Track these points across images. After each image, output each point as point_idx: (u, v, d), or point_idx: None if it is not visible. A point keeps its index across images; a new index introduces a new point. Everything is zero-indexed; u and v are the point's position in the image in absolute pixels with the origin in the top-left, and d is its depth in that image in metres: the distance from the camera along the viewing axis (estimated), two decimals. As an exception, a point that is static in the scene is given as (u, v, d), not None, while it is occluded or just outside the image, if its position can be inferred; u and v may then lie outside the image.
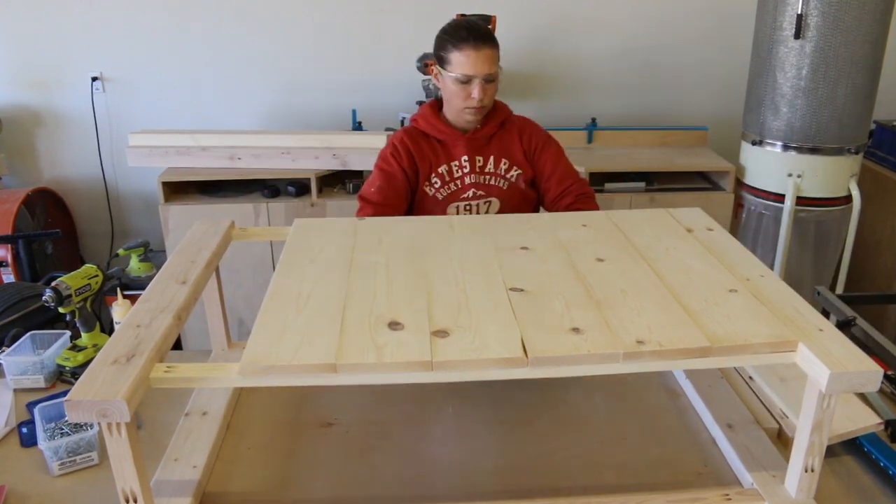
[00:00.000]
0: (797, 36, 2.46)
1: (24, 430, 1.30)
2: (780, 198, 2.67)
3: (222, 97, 3.24)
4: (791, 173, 2.63)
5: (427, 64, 2.88)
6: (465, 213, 1.86)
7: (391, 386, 1.38)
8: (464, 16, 2.78)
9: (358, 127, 3.11)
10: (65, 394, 1.12)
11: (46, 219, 3.12)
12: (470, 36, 1.72)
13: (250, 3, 3.09)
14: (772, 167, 2.68)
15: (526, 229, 1.40)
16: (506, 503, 1.09)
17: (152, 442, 1.24)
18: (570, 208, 1.86)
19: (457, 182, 1.85)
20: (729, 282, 1.17)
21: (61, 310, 1.47)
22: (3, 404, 1.37)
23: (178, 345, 2.72)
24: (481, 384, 1.33)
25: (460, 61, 1.72)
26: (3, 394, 1.41)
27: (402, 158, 1.82)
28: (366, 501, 1.12)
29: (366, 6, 3.12)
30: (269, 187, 2.81)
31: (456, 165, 1.84)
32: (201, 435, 1.22)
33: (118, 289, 1.57)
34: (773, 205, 2.70)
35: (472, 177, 1.85)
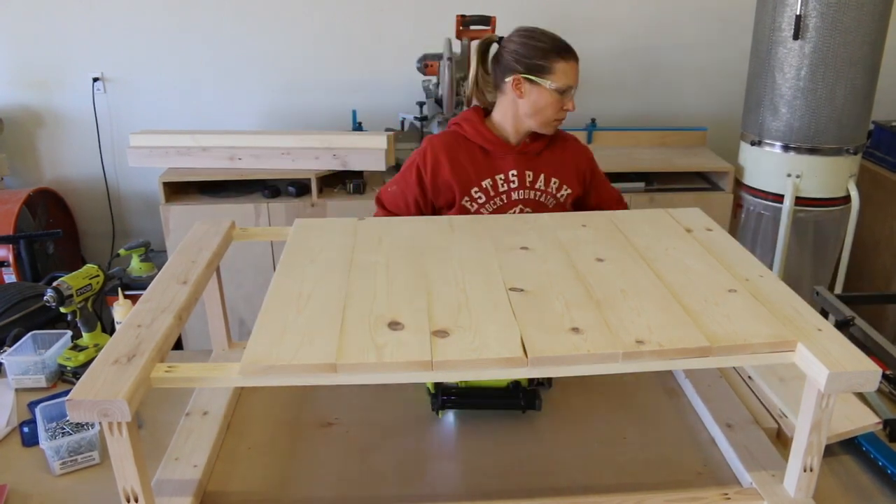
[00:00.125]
0: (796, 37, 2.46)
1: (26, 429, 1.30)
2: (779, 198, 2.68)
3: (222, 97, 3.24)
4: (790, 173, 2.63)
5: (427, 64, 2.88)
6: None
7: (391, 386, 1.38)
8: (464, 17, 2.78)
9: (358, 127, 3.11)
10: (66, 393, 1.13)
11: (48, 219, 3.13)
12: (570, 47, 1.70)
13: (250, 3, 3.10)
14: (771, 167, 2.68)
15: (526, 229, 1.41)
16: (506, 503, 1.09)
17: (153, 441, 1.24)
18: None
19: (502, 197, 1.74)
20: (728, 282, 1.17)
21: (62, 310, 1.47)
22: (4, 404, 1.37)
23: (178, 345, 2.73)
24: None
25: (566, 71, 1.68)
26: (4, 393, 1.41)
27: (426, 173, 1.72)
28: (366, 501, 1.12)
29: (366, 6, 3.13)
30: (269, 187, 2.81)
31: (502, 179, 1.73)
32: (202, 434, 1.22)
33: (119, 289, 1.57)
34: (772, 205, 2.71)
35: (521, 192, 1.75)
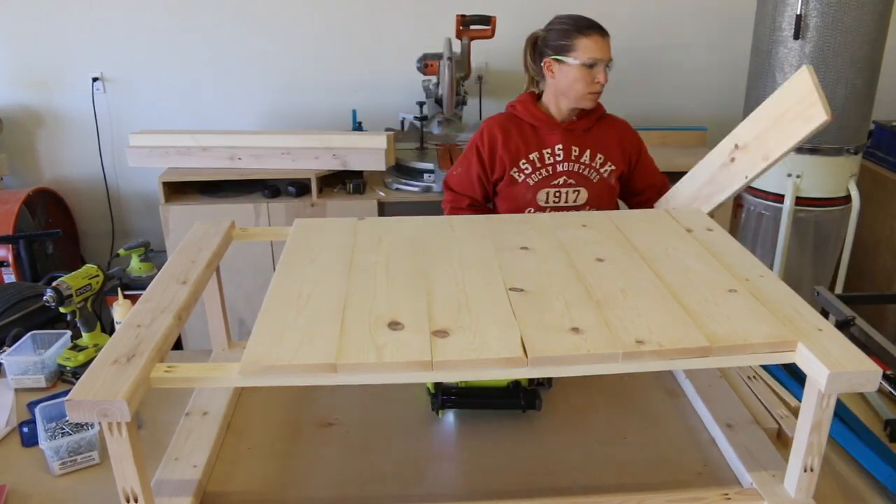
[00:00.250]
0: (796, 36, 2.46)
1: (25, 429, 1.30)
2: (779, 198, 2.67)
3: (222, 97, 3.24)
4: (790, 173, 2.63)
5: (427, 64, 2.88)
6: (554, 200, 1.93)
7: (391, 386, 1.38)
8: (463, 16, 2.78)
9: (358, 127, 3.11)
10: (65, 393, 1.12)
11: (47, 219, 3.13)
12: (594, 24, 1.85)
13: (250, 3, 3.10)
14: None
15: (526, 229, 1.41)
16: (506, 503, 1.09)
17: (153, 441, 1.24)
18: (645, 204, 1.98)
19: (548, 168, 1.91)
20: (728, 282, 1.17)
21: (62, 310, 1.47)
22: (3, 404, 1.37)
23: (178, 345, 2.72)
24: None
25: (588, 46, 1.82)
26: (4, 393, 1.41)
27: (483, 150, 1.92)
28: (366, 501, 1.12)
29: (366, 6, 3.12)
30: (269, 187, 2.81)
31: (548, 153, 1.90)
32: (202, 435, 1.22)
33: (119, 289, 1.57)
34: (773, 205, 2.70)
35: (566, 165, 1.91)
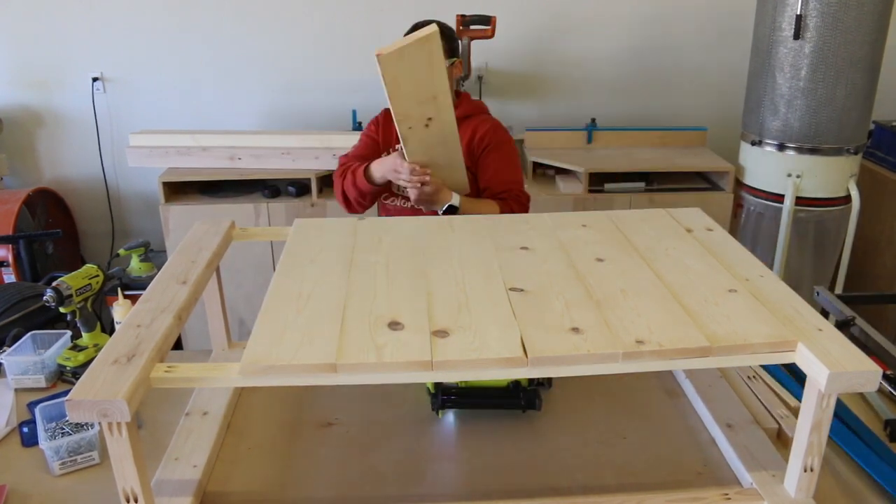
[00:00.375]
0: (796, 36, 2.46)
1: (25, 429, 1.30)
2: (779, 198, 2.67)
3: (222, 97, 3.24)
4: (790, 173, 2.63)
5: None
6: (401, 192, 2.01)
7: (391, 386, 1.38)
8: (463, 16, 2.78)
9: (358, 127, 3.11)
10: (65, 393, 1.13)
11: (47, 219, 3.13)
12: (418, 26, 1.82)
13: (250, 3, 3.10)
14: (771, 167, 2.68)
15: (526, 229, 1.41)
16: (506, 503, 1.09)
17: (153, 442, 1.24)
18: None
19: None
20: (728, 282, 1.17)
21: (62, 310, 1.47)
22: (3, 404, 1.37)
23: (178, 345, 2.72)
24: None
25: None
26: (4, 393, 1.41)
27: (378, 130, 2.08)
28: (366, 501, 1.12)
29: (366, 6, 3.12)
30: (269, 187, 2.81)
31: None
32: (202, 435, 1.22)
33: (119, 289, 1.57)
34: (773, 205, 2.71)
35: None
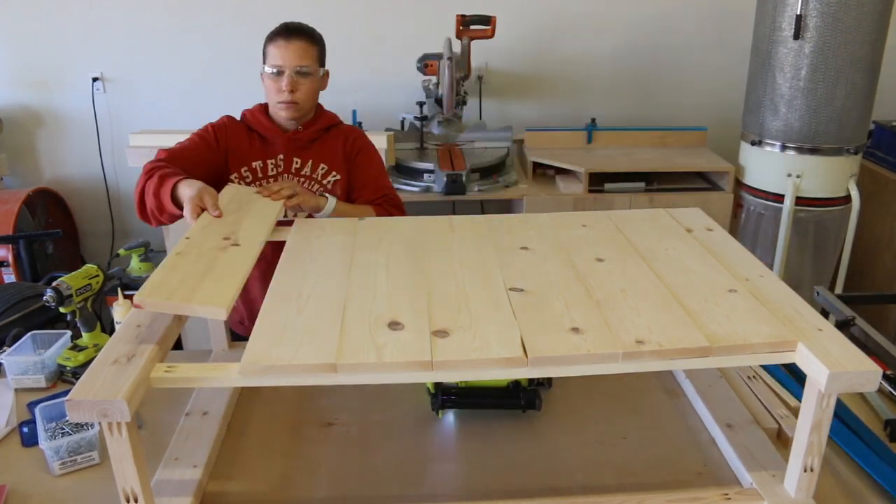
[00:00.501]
0: (796, 36, 2.46)
1: (25, 429, 1.30)
2: (779, 198, 2.67)
3: (222, 97, 3.24)
4: (790, 173, 2.63)
5: (427, 64, 2.88)
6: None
7: (391, 386, 1.38)
8: (463, 16, 2.78)
9: (358, 127, 3.11)
10: (65, 393, 1.12)
11: (47, 219, 3.12)
12: (284, 29, 1.72)
13: (250, 3, 3.10)
14: (771, 167, 2.68)
15: (526, 229, 1.41)
16: (506, 503, 1.09)
17: (153, 442, 1.24)
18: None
19: (269, 180, 1.77)
20: (728, 282, 1.17)
21: (62, 310, 1.47)
22: (4, 404, 1.37)
23: (178, 345, 2.72)
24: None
25: (272, 53, 1.71)
26: (4, 393, 1.41)
27: (219, 135, 1.77)
28: (366, 501, 1.12)
29: (366, 6, 3.12)
30: (269, 187, 2.80)
31: (272, 163, 1.78)
32: (202, 435, 1.22)
33: (119, 289, 1.57)
34: (773, 205, 2.70)
35: (287, 177, 1.78)
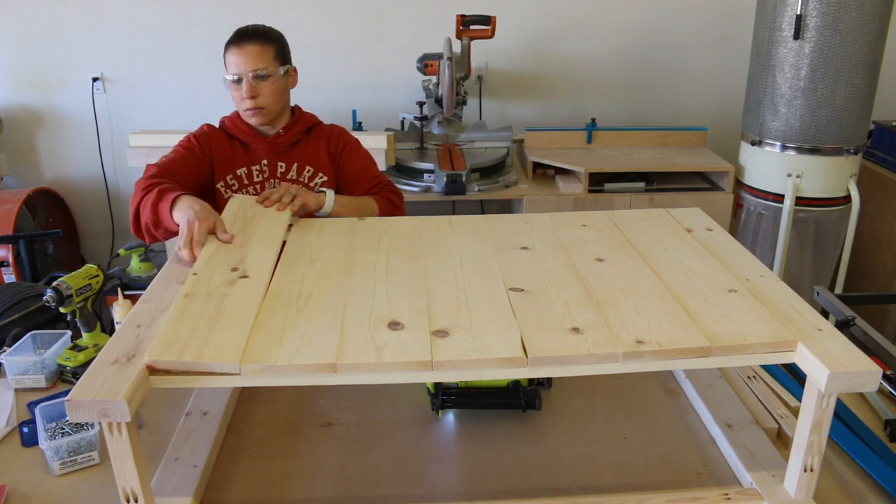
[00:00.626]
0: (796, 36, 2.46)
1: (25, 429, 1.30)
2: (779, 198, 2.67)
3: (222, 97, 3.22)
4: (790, 173, 2.63)
5: (427, 64, 2.88)
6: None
7: (391, 386, 1.38)
8: (464, 16, 2.78)
9: (358, 127, 3.11)
10: (65, 393, 1.13)
11: (47, 219, 3.13)
12: (236, 37, 1.68)
13: (250, 3, 3.10)
14: (771, 167, 2.68)
15: (526, 229, 1.41)
16: (506, 503, 1.09)
17: (153, 442, 1.24)
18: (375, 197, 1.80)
19: (256, 186, 1.77)
20: (728, 282, 1.17)
21: (62, 310, 1.47)
22: (3, 404, 1.37)
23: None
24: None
25: (229, 62, 1.68)
26: (4, 393, 1.41)
27: (203, 144, 1.75)
28: (366, 501, 1.12)
29: (366, 6, 3.12)
30: (269, 187, 2.80)
31: (257, 169, 1.77)
32: (202, 435, 1.22)
33: (119, 289, 1.58)
34: (773, 205, 2.71)
35: (273, 182, 1.78)
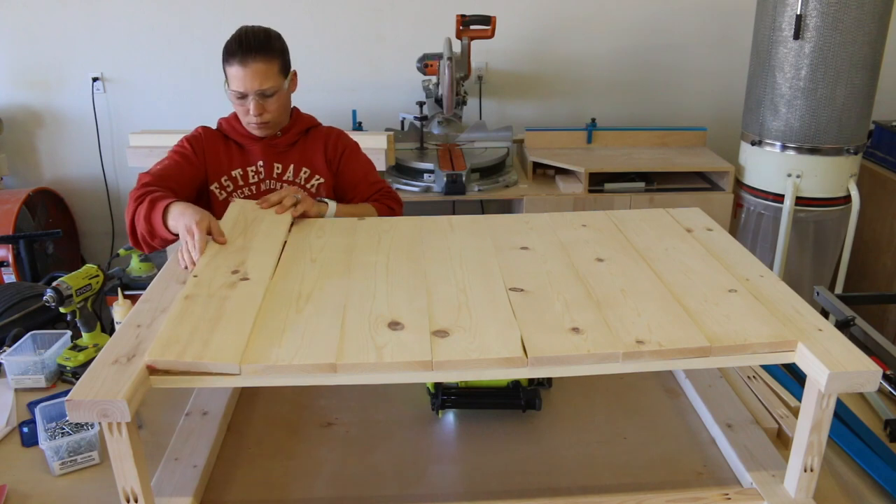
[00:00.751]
0: (796, 36, 2.46)
1: (25, 429, 1.30)
2: (779, 198, 2.67)
3: (222, 97, 3.22)
4: (790, 173, 2.63)
5: (427, 64, 2.88)
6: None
7: (391, 386, 1.38)
8: (464, 16, 2.78)
9: (358, 127, 3.11)
10: (65, 393, 1.13)
11: (47, 219, 3.13)
12: (239, 49, 1.62)
13: (250, 3, 3.10)
14: (771, 167, 2.68)
15: (526, 229, 1.41)
16: (506, 503, 1.09)
17: (153, 442, 1.24)
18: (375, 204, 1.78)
19: (251, 187, 1.75)
20: (728, 282, 1.17)
21: (62, 310, 1.47)
22: (4, 404, 1.37)
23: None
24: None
25: (232, 75, 1.64)
26: (4, 393, 1.41)
27: (196, 148, 1.74)
28: (366, 501, 1.12)
29: (366, 6, 3.12)
30: (269, 187, 2.80)
31: (252, 171, 1.75)
32: (202, 435, 1.22)
33: (119, 289, 1.58)
34: (773, 205, 2.71)
35: (269, 183, 1.75)
